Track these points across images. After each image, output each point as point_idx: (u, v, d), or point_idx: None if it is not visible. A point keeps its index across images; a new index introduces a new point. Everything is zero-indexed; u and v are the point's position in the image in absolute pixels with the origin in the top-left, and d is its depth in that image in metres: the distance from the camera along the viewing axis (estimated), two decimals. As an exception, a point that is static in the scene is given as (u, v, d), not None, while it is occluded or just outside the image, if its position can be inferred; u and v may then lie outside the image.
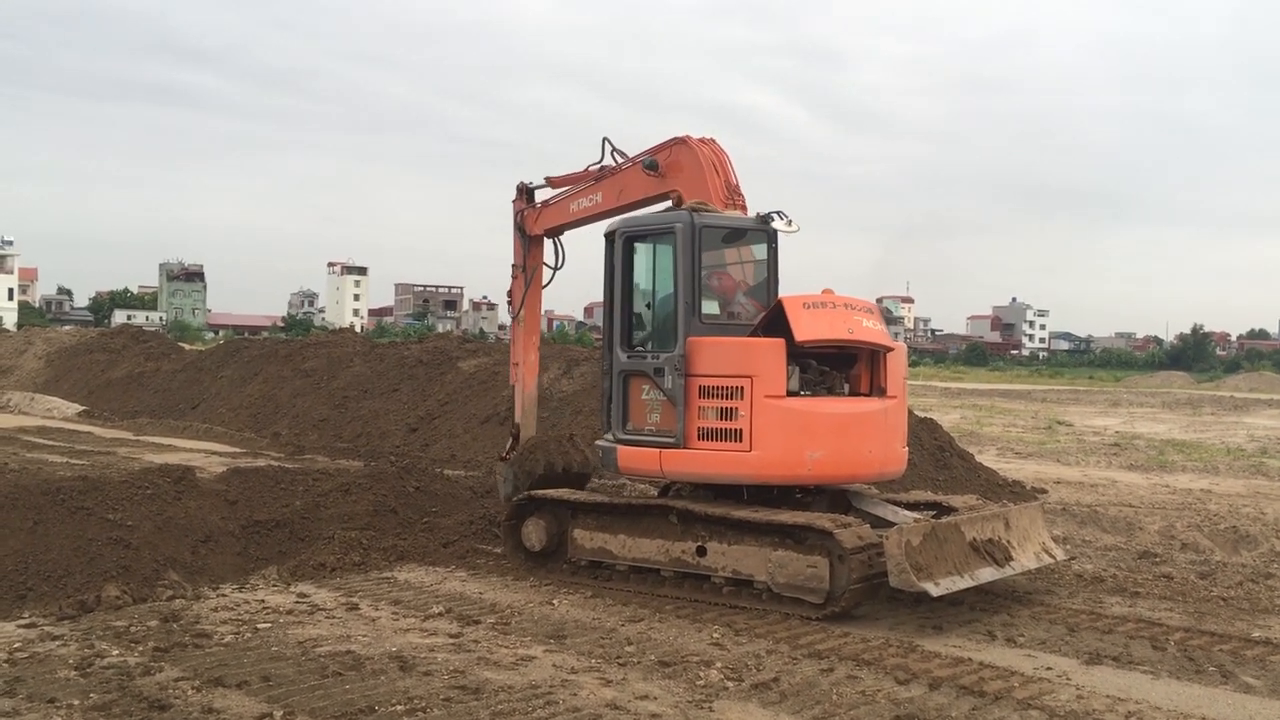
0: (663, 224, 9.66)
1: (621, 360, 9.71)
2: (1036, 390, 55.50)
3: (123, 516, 10.02)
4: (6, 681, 6.43)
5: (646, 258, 10.00)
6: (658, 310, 9.82)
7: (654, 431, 9.44)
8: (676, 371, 9.19)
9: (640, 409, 9.59)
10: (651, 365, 9.49)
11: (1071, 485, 17.07)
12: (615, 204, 10.97)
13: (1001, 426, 29.33)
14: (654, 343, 9.71)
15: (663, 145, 10.40)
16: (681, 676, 6.94)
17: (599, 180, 11.16)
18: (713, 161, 10.00)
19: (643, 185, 10.63)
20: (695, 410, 9.11)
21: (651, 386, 9.49)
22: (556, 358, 21.35)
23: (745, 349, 9.17)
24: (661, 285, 9.81)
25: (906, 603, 8.89)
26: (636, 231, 9.91)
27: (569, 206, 11.62)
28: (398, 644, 7.45)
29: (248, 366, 25.93)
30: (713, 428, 9.05)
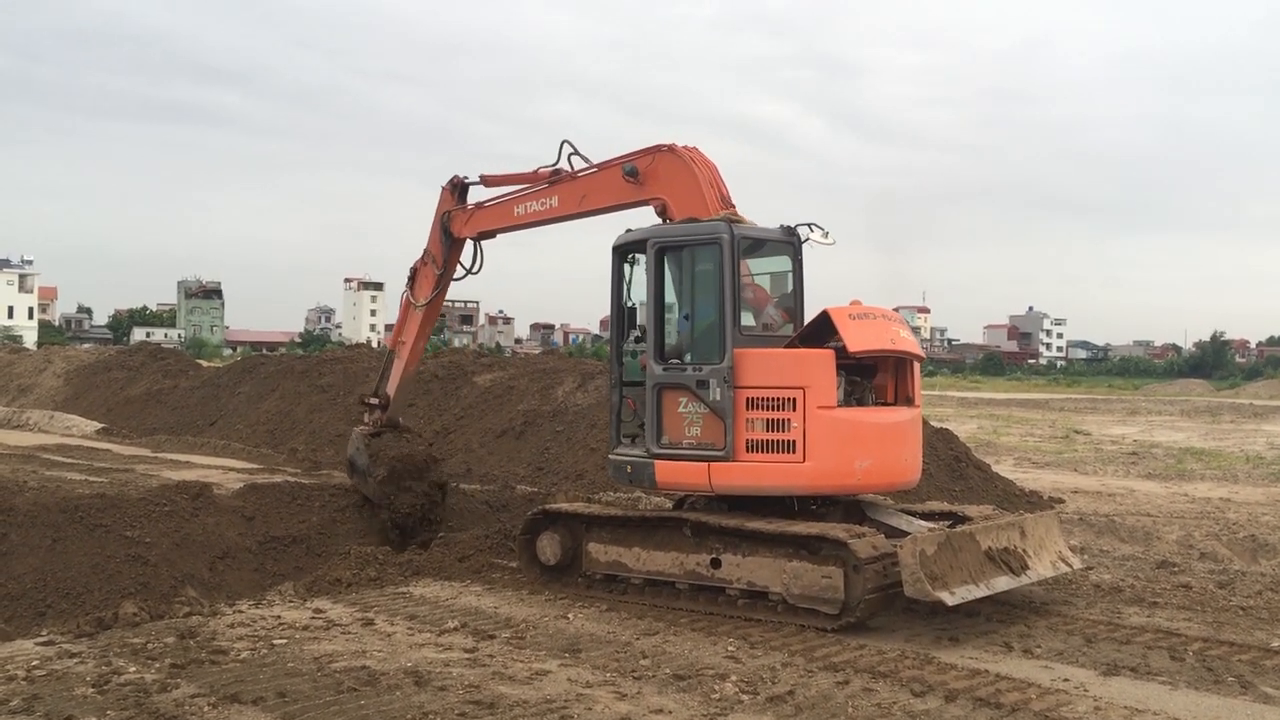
0: (703, 235, 9.38)
1: (657, 373, 9.42)
2: (1054, 399, 55.26)
3: (141, 534, 10.10)
4: (25, 699, 6.47)
5: (680, 269, 9.70)
6: (697, 322, 9.53)
7: (695, 445, 9.19)
8: (726, 384, 9.01)
9: (677, 422, 9.31)
10: (694, 378, 9.21)
11: (1089, 494, 16.98)
12: (576, 209, 10.70)
13: (1019, 436, 29.20)
14: (693, 355, 9.44)
15: (644, 152, 10.17)
16: (696, 690, 6.93)
17: (554, 184, 10.84)
18: (705, 171, 9.84)
19: (616, 192, 10.34)
20: (743, 422, 8.97)
21: (690, 399, 9.23)
22: (570, 371, 21.39)
23: (799, 360, 9.09)
24: (700, 297, 9.52)
25: (922, 614, 8.86)
26: (672, 242, 9.62)
27: (513, 209, 11.29)
28: (413, 659, 7.46)
29: (265, 383, 26.03)
30: (763, 439, 8.92)
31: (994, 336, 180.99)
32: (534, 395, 20.42)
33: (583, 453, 17.71)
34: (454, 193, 11.93)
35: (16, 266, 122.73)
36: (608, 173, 10.44)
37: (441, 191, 12.04)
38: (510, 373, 22.23)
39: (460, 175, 11.92)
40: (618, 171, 10.33)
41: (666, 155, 10.04)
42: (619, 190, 10.31)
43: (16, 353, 40.81)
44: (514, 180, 11.48)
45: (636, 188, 10.12)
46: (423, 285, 12.22)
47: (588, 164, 10.70)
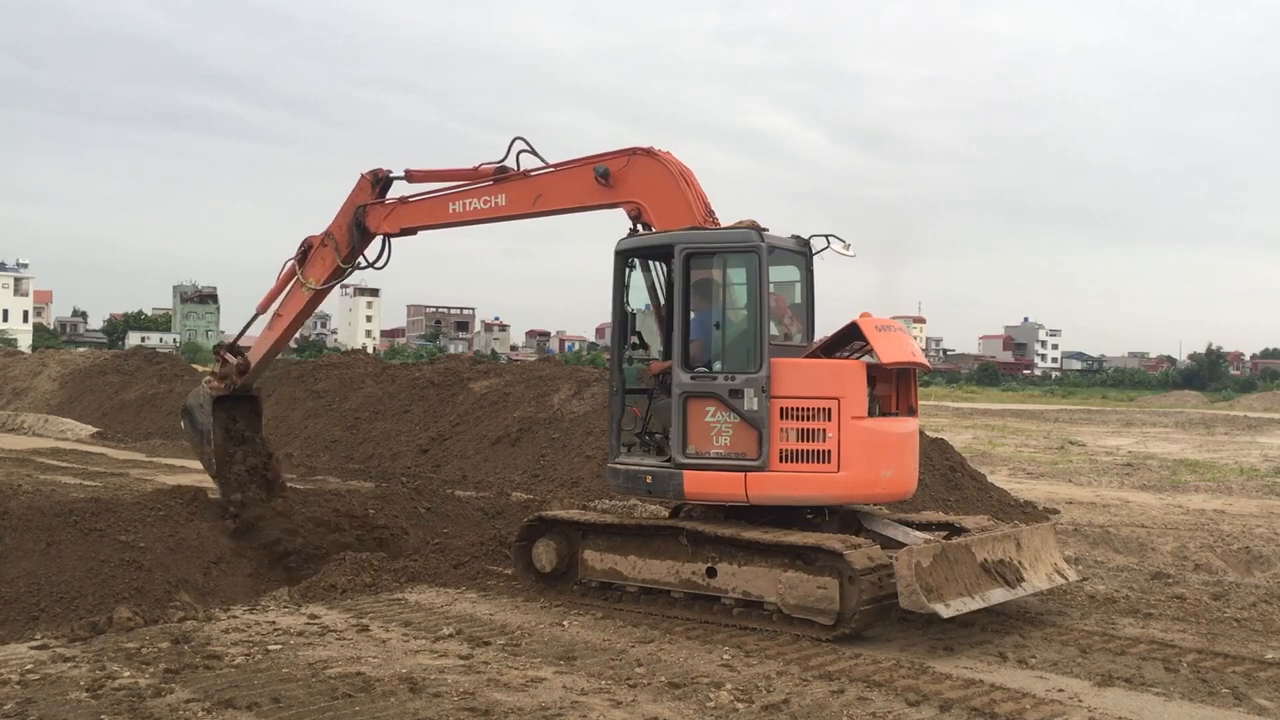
0: (737, 243, 9.25)
1: (684, 382, 9.19)
2: (1049, 410, 55.31)
3: (135, 538, 10.07)
4: (18, 703, 6.46)
5: (710, 276, 9.49)
6: (728, 330, 9.43)
7: (726, 455, 9.06)
8: (764, 393, 8.93)
9: (704, 432, 9.15)
10: (725, 387, 9.06)
11: (1084, 505, 16.99)
12: (527, 209, 10.40)
13: (1014, 446, 29.23)
14: (725, 363, 9.32)
15: (617, 154, 9.88)
16: (692, 698, 6.93)
17: (501, 182, 10.51)
18: (686, 177, 9.68)
19: (580, 193, 10.05)
20: (778, 432, 8.91)
21: (719, 408, 9.08)
22: (566, 378, 21.40)
23: (835, 371, 9.16)
24: (731, 304, 9.41)
25: (917, 624, 8.86)
26: (703, 249, 9.39)
27: (447, 206, 10.93)
28: (408, 665, 7.46)
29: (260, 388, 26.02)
30: (796, 449, 8.89)
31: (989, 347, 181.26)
32: (530, 402, 20.43)
33: (578, 460, 17.72)
34: (374, 186, 11.48)
35: (12, 270, 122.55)
36: (573, 173, 10.11)
37: (360, 180, 11.57)
38: (506, 380, 22.24)
39: (384, 169, 11.53)
40: (586, 172, 10.01)
41: (643, 159, 9.80)
42: (584, 192, 10.00)
43: (11, 356, 40.78)
44: (445, 176, 11.09)
45: (605, 190, 9.83)
46: (317, 267, 11.68)
47: (543, 163, 10.35)
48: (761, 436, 8.89)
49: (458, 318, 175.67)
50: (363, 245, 11.51)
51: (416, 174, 11.32)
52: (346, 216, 11.54)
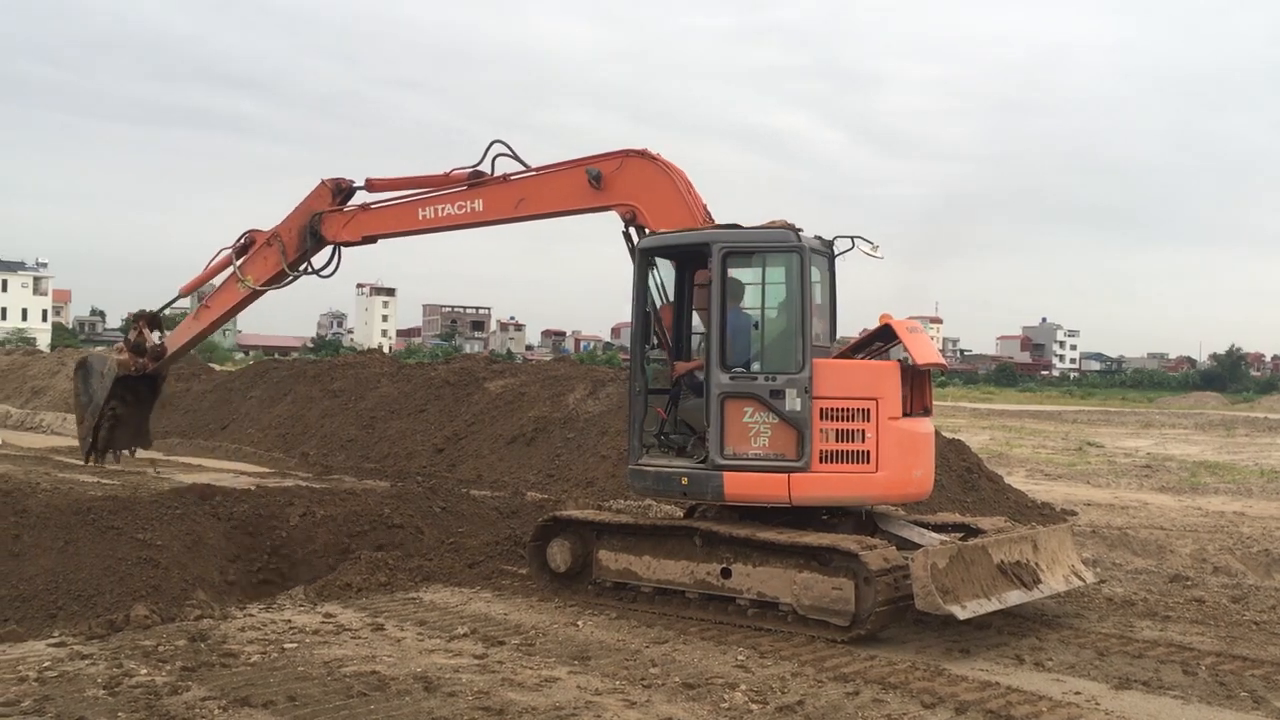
0: (777, 242, 9.19)
1: (723, 382, 9.09)
2: (1067, 411, 55.08)
3: (152, 536, 10.12)
4: (36, 700, 6.49)
5: (748, 275, 9.47)
6: (768, 330, 9.38)
7: (765, 455, 9.00)
8: (806, 394, 8.88)
9: (742, 432, 9.06)
10: (766, 387, 9.01)
11: (1102, 507, 16.91)
12: (508, 214, 10.19)
13: (1031, 448, 29.10)
14: (764, 364, 9.29)
15: (609, 156, 9.71)
16: (706, 699, 6.91)
17: (477, 186, 10.27)
18: (681, 178, 9.56)
19: (569, 196, 9.86)
20: (817, 432, 8.90)
21: (757, 409, 9.01)
22: (582, 378, 21.41)
23: (874, 372, 9.22)
24: (771, 304, 9.33)
25: (933, 625, 8.83)
26: (741, 248, 9.29)
27: (416, 213, 10.68)
28: (423, 665, 7.47)
29: (277, 387, 26.12)
30: (835, 450, 8.90)
31: (1007, 347, 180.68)
32: (545, 402, 20.44)
33: (593, 460, 17.72)
34: (335, 196, 11.18)
35: (31, 269, 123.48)
36: (560, 175, 9.94)
37: (318, 187, 11.24)
38: (521, 379, 22.26)
39: (347, 179, 11.23)
40: (576, 175, 9.83)
41: (637, 160, 9.67)
42: (573, 195, 9.82)
43: (30, 355, 41.02)
44: (409, 184, 10.83)
45: (596, 194, 9.65)
46: (258, 266, 11.35)
47: (525, 167, 10.16)
48: (803, 437, 8.86)
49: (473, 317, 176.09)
50: (313, 252, 11.24)
51: (377, 183, 11.01)
52: (299, 221, 11.20)
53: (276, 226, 11.34)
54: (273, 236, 11.31)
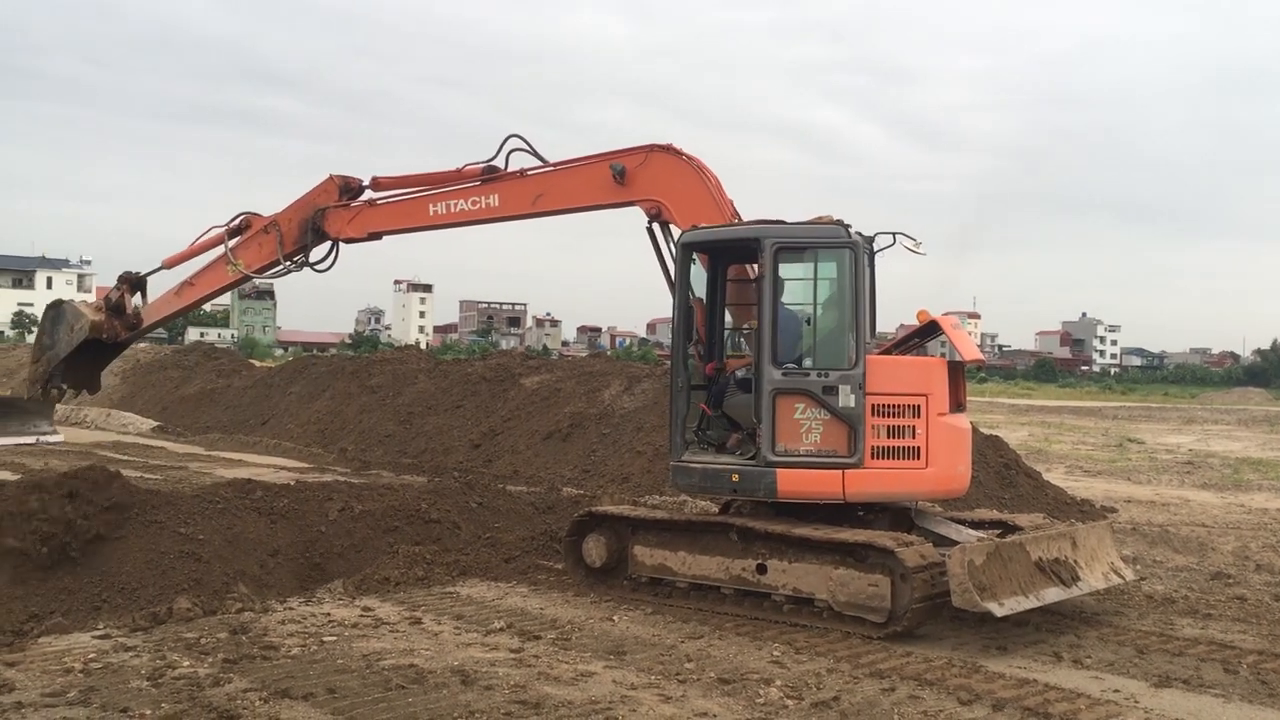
0: (830, 237, 9.15)
1: (775, 378, 9.06)
2: (1107, 407, 54.45)
3: (194, 530, 10.25)
4: (81, 691, 6.60)
5: (799, 271, 9.41)
6: (820, 326, 9.34)
7: (816, 452, 8.98)
8: (860, 389, 8.89)
9: (793, 429, 9.03)
10: (819, 383, 8.99)
11: (1142, 504, 16.73)
12: (525, 210, 10.03)
13: (1070, 444, 28.83)
14: (816, 360, 9.25)
15: (633, 151, 9.57)
16: (741, 694, 6.92)
17: (491, 182, 10.12)
18: (709, 173, 9.47)
19: (591, 192, 9.73)
20: (869, 428, 8.91)
21: (809, 405, 8.99)
22: (617, 374, 21.45)
23: (924, 368, 9.30)
24: (824, 300, 9.30)
25: (970, 622, 8.79)
26: (794, 243, 9.23)
27: (427, 209, 10.51)
28: (460, 658, 7.53)
29: (316, 383, 26.37)
30: (885, 446, 8.94)
31: (1046, 343, 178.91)
32: (581, 398, 20.50)
33: (629, 455, 17.75)
34: (342, 194, 10.99)
35: (75, 266, 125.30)
36: (581, 170, 9.81)
37: (325, 182, 11.03)
38: (557, 375, 22.33)
39: (356, 178, 11.03)
40: (599, 170, 9.70)
41: (661, 156, 9.55)
42: (595, 190, 9.69)
43: (75, 351, 41.54)
44: (417, 181, 10.67)
45: (619, 189, 9.52)
46: (252, 252, 11.17)
47: (542, 162, 10.00)
48: (856, 433, 8.87)
49: (509, 313, 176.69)
50: (312, 246, 11.08)
51: (385, 181, 10.85)
52: (301, 213, 11.02)
53: (276, 215, 11.14)
54: (271, 224, 11.12)
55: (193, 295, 11.39)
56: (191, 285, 11.37)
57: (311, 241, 11.07)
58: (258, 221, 11.20)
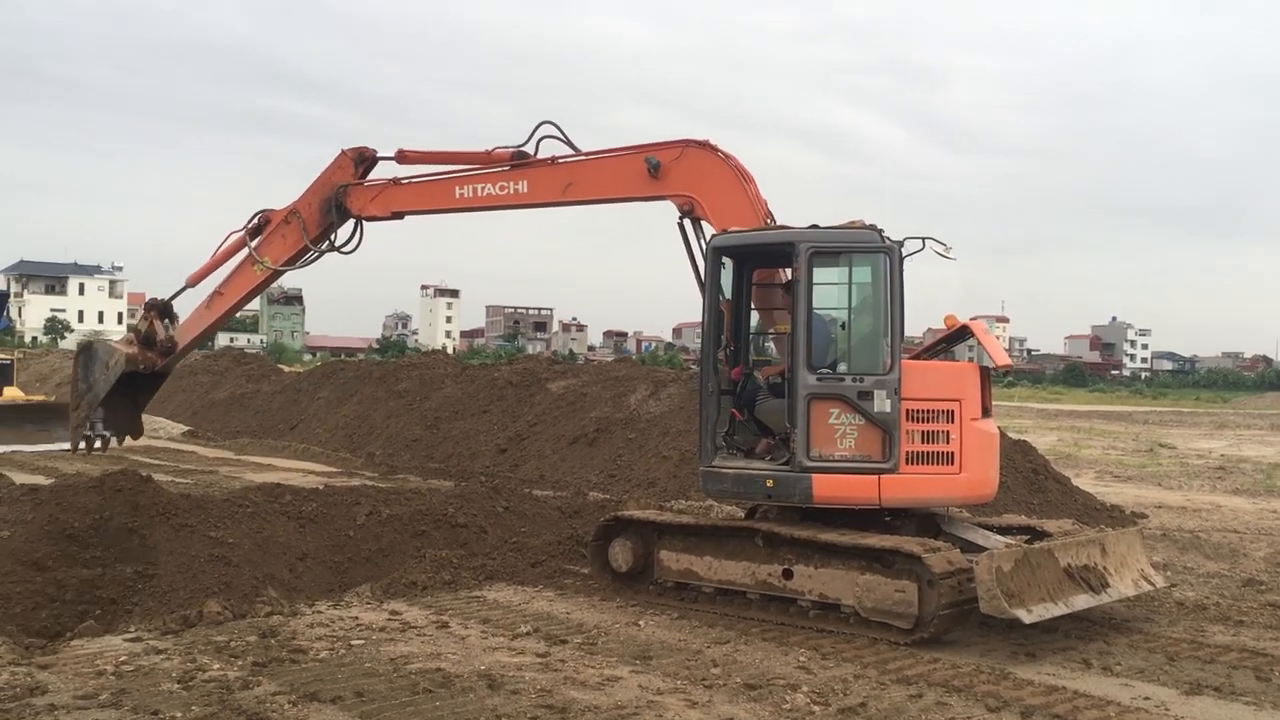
0: (867, 242, 9.11)
1: (810, 383, 8.99)
2: (1138, 412, 54.01)
3: (224, 534, 10.34)
4: (113, 693, 6.67)
5: (833, 276, 9.36)
6: (855, 331, 9.34)
7: (851, 457, 8.94)
8: (895, 395, 8.87)
9: (828, 434, 8.98)
10: (854, 389, 8.95)
11: (1173, 510, 16.58)
12: (555, 198, 9.84)
13: (1100, 449, 28.60)
14: (850, 365, 9.25)
15: (669, 145, 9.44)
16: (767, 699, 6.91)
17: (521, 167, 9.90)
18: (745, 172, 9.39)
19: (623, 184, 9.60)
20: (904, 434, 8.90)
21: (844, 410, 8.94)
22: (643, 379, 21.46)
23: (958, 374, 9.37)
24: (858, 305, 9.30)
25: (998, 629, 8.73)
26: (829, 248, 9.16)
27: (453, 191, 10.28)
28: (486, 662, 7.55)
29: (344, 388, 26.52)
30: (919, 451, 8.94)
31: (1075, 347, 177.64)
32: (607, 403, 20.52)
33: (655, 460, 17.76)
34: (357, 166, 10.71)
35: (107, 272, 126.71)
36: (615, 161, 9.67)
37: (339, 158, 10.74)
38: (583, 380, 22.37)
39: (370, 148, 10.67)
40: (634, 162, 9.57)
41: (698, 151, 9.45)
42: (627, 182, 9.56)
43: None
44: (445, 159, 10.38)
45: (653, 182, 9.41)
46: (276, 246, 10.85)
47: (575, 151, 9.84)
48: (892, 439, 8.86)
49: (535, 318, 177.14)
50: (338, 225, 10.76)
51: (411, 155, 10.49)
52: (320, 194, 10.71)
53: (294, 203, 10.87)
54: (290, 214, 10.84)
55: (224, 304, 11.09)
56: (221, 294, 11.08)
57: (337, 220, 10.78)
58: (276, 215, 10.93)
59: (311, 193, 10.81)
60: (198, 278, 11.06)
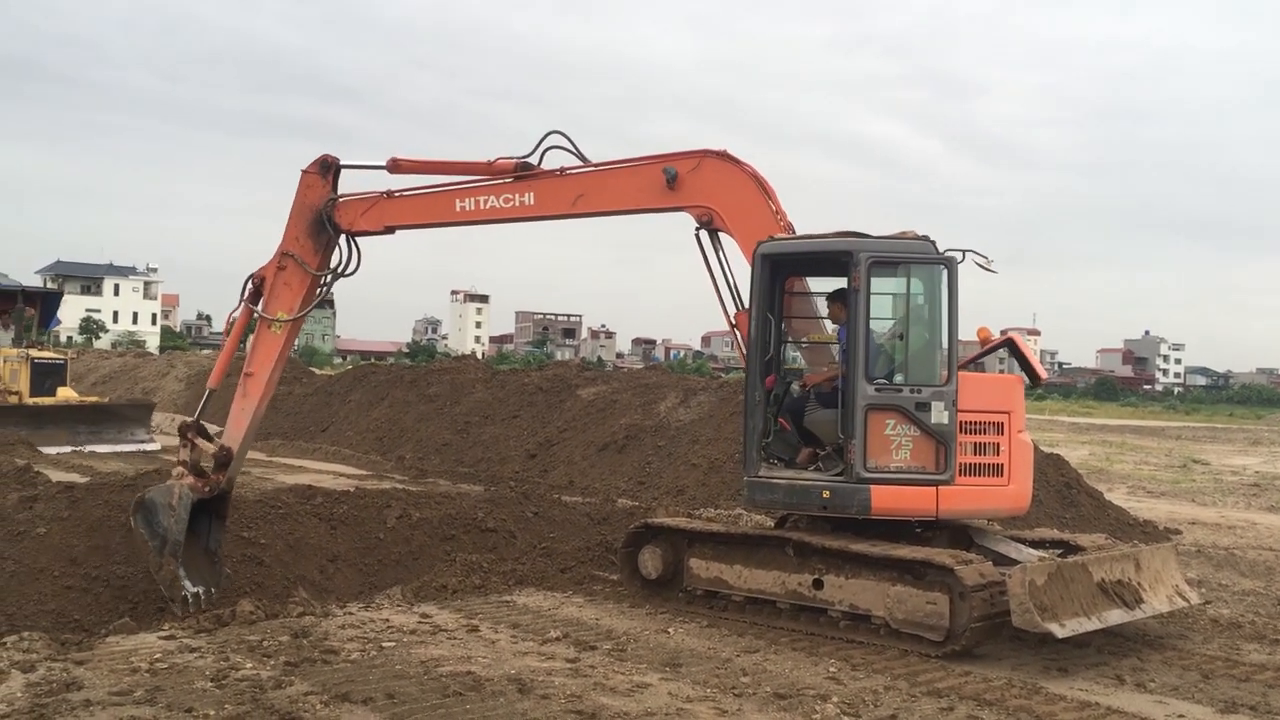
0: (925, 254, 9.06)
1: (869, 394, 8.93)
2: (1171, 427, 53.48)
3: (256, 535, 10.44)
4: (147, 690, 6.74)
5: (890, 287, 9.29)
6: (912, 341, 9.26)
7: (907, 469, 8.90)
8: (953, 406, 8.87)
9: (883, 445, 8.91)
10: (912, 400, 8.91)
11: (1207, 526, 16.41)
12: (564, 210, 9.59)
13: (1133, 464, 28.34)
14: (907, 376, 9.16)
15: (686, 155, 9.35)
16: (797, 709, 6.89)
17: (526, 179, 9.63)
18: (762, 182, 9.33)
19: (639, 195, 9.43)
20: (958, 446, 8.92)
21: (900, 421, 8.89)
22: (673, 387, 21.46)
23: (1008, 386, 9.51)
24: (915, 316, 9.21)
25: (1030, 643, 8.67)
26: (888, 258, 9.10)
27: (453, 204, 9.85)
28: (516, 667, 7.57)
29: (374, 391, 26.68)
30: (971, 463, 9.00)
31: (1108, 361, 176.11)
32: (636, 410, 20.55)
33: (684, 468, 17.76)
34: (325, 177, 9.97)
35: (142, 274, 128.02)
36: (628, 173, 9.51)
37: (306, 179, 10.02)
38: (613, 387, 22.40)
39: (332, 155, 9.98)
40: (651, 172, 9.42)
41: (715, 162, 9.37)
42: (642, 193, 9.40)
43: (141, 357, 42.50)
44: (441, 169, 9.96)
45: (669, 193, 9.29)
46: (283, 296, 9.92)
47: (584, 162, 9.61)
48: (948, 450, 8.86)
49: (565, 324, 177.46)
50: (330, 250, 10.09)
51: (406, 164, 9.83)
52: (303, 221, 9.99)
53: (279, 248, 10.08)
54: (281, 258, 10.00)
55: (259, 382, 9.97)
56: (251, 374, 9.98)
57: (334, 237, 10.03)
58: (268, 268, 10.06)
59: (293, 225, 10.03)
60: (217, 378, 10.11)
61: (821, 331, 10.48)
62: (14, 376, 21.83)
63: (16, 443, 18.99)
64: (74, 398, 22.59)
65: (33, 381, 21.81)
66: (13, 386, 21.71)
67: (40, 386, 21.89)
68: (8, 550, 9.63)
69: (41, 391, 21.85)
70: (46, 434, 20.50)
